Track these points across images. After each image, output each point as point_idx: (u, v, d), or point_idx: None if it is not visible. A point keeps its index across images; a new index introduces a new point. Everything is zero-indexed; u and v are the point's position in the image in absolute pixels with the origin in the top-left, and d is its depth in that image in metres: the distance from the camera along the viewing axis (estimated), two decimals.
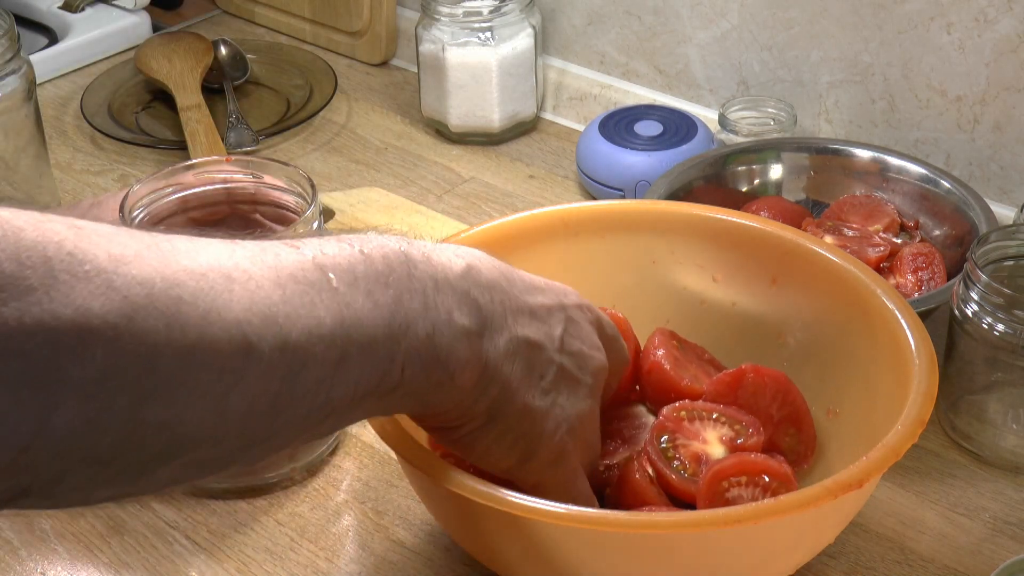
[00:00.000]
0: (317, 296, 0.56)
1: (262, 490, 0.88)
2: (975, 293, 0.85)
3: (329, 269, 0.57)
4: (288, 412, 0.55)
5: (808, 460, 0.81)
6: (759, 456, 0.76)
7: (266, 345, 0.53)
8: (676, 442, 0.79)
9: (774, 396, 0.81)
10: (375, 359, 0.59)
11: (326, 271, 0.57)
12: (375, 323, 0.58)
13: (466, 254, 0.66)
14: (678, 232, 0.88)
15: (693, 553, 0.70)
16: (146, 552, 0.84)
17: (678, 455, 0.78)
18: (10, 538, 0.85)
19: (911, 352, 0.76)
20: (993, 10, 1.04)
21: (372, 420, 0.73)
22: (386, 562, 0.83)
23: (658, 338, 0.85)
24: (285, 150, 1.28)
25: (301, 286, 0.55)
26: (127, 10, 1.48)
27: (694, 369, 0.85)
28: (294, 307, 0.54)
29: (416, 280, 0.61)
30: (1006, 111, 1.07)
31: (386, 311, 0.59)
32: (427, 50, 1.26)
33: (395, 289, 0.60)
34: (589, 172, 1.17)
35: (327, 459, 0.90)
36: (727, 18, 1.20)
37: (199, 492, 0.88)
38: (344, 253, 0.59)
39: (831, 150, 1.08)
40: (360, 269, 0.59)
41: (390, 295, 0.59)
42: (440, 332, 0.62)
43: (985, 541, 0.83)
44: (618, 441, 0.84)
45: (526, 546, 0.71)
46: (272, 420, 0.55)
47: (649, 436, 0.80)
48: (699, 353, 0.87)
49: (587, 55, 1.31)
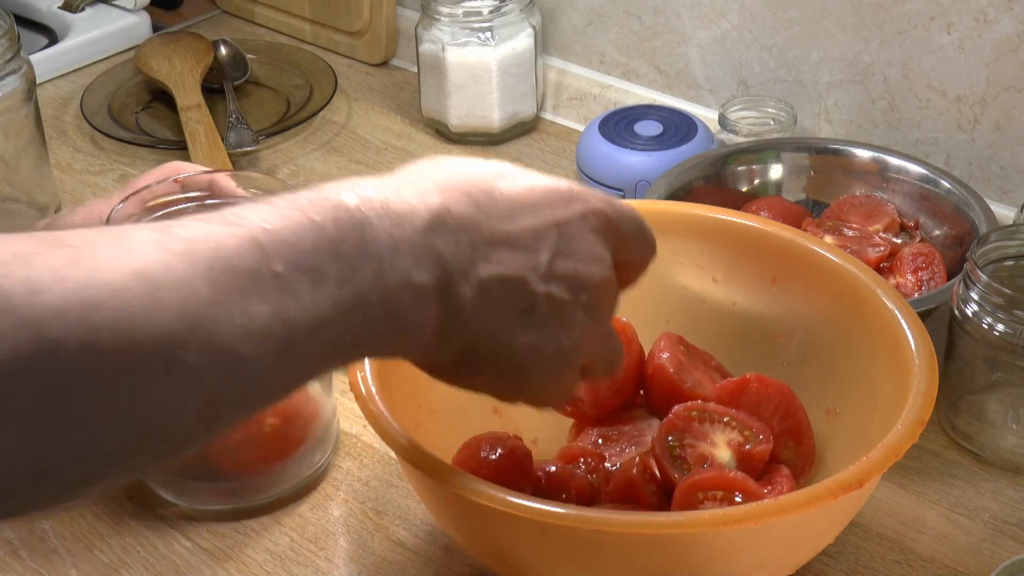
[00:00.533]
0: (254, 286, 0.53)
1: (261, 510, 0.87)
2: (975, 293, 0.85)
3: (271, 249, 0.54)
4: (228, 407, 0.54)
5: (806, 474, 0.81)
6: (739, 475, 0.76)
7: (192, 354, 0.51)
8: (684, 441, 0.79)
9: (776, 407, 0.81)
10: (323, 338, 0.56)
11: (267, 253, 0.54)
12: (320, 303, 0.55)
13: (436, 191, 0.61)
14: (678, 232, 0.88)
15: (693, 553, 0.70)
16: (146, 552, 0.84)
17: (684, 455, 0.78)
18: (10, 538, 0.85)
19: (911, 352, 0.76)
20: (993, 10, 1.04)
21: (372, 420, 0.73)
22: (386, 562, 0.83)
23: (664, 342, 0.85)
24: (285, 150, 1.28)
25: (237, 279, 0.53)
26: (127, 10, 1.48)
27: (699, 375, 0.85)
28: (226, 305, 0.52)
29: (370, 243, 0.57)
30: (1006, 111, 1.07)
31: (333, 288, 0.56)
32: (427, 50, 1.26)
33: (346, 260, 0.56)
34: (589, 172, 1.17)
35: (327, 459, 0.90)
36: (727, 18, 1.20)
37: (196, 514, 0.87)
38: (292, 225, 0.56)
39: (831, 150, 1.08)
40: (307, 242, 0.55)
41: (339, 267, 0.56)
42: (395, 297, 0.58)
43: (985, 541, 0.83)
44: (625, 442, 0.84)
45: (526, 546, 0.71)
46: (211, 418, 0.53)
47: (657, 433, 0.79)
48: (706, 359, 0.87)
49: (587, 55, 1.31)
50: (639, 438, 0.84)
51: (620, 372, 0.76)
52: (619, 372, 0.74)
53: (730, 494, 0.75)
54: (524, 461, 0.78)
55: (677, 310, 0.89)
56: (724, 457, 0.78)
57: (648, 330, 0.87)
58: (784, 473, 0.79)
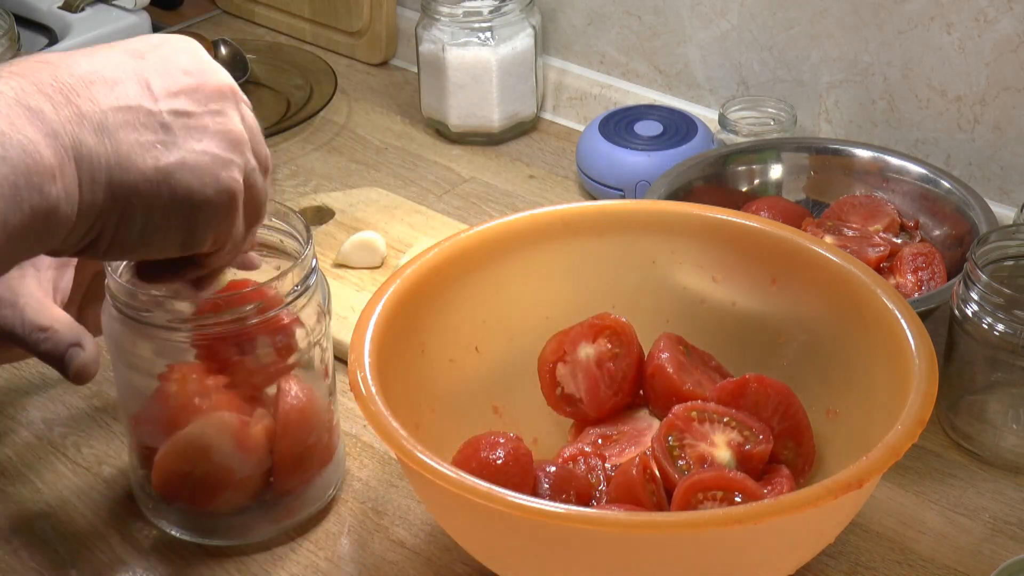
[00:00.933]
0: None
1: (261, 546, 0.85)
2: (975, 293, 0.85)
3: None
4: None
5: (806, 474, 0.81)
6: (739, 475, 0.76)
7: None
8: (684, 441, 0.79)
9: (776, 408, 0.81)
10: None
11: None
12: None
13: (8, 75, 0.61)
14: (678, 232, 0.88)
15: (693, 553, 0.70)
16: (146, 552, 0.84)
17: (684, 455, 0.78)
18: (10, 538, 0.86)
19: (911, 352, 0.76)
20: (993, 10, 1.04)
21: (372, 420, 0.73)
22: (386, 562, 0.83)
23: (663, 342, 0.85)
24: (285, 150, 1.28)
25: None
26: (127, 10, 1.48)
27: (698, 375, 0.85)
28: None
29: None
30: (1006, 111, 1.07)
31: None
32: (427, 50, 1.26)
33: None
34: (589, 172, 1.17)
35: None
36: (727, 18, 1.20)
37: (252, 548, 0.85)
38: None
39: (831, 150, 1.08)
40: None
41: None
42: (13, 164, 0.58)
43: (985, 541, 0.83)
44: (625, 442, 0.84)
45: (526, 546, 0.71)
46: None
47: (657, 433, 0.80)
48: (706, 360, 0.87)
49: (587, 55, 1.31)
50: (639, 438, 0.84)
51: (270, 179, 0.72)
52: (270, 180, 0.72)
53: (730, 494, 0.75)
54: (524, 461, 0.78)
55: (677, 310, 0.89)
56: (724, 457, 0.78)
57: (648, 330, 0.87)
58: (784, 473, 0.79)
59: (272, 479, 0.82)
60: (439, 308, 0.84)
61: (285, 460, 0.82)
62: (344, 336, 0.98)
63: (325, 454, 0.85)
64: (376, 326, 0.78)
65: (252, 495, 0.82)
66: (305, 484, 0.84)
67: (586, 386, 0.85)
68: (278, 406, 0.81)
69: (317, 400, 0.82)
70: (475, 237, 0.86)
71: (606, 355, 0.85)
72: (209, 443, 0.80)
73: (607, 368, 0.85)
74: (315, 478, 0.84)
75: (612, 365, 0.85)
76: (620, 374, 0.85)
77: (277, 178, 1.23)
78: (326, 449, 0.85)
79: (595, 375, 0.85)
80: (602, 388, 0.85)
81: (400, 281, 0.82)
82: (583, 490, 0.79)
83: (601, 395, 0.85)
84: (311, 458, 0.83)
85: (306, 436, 0.82)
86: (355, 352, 0.76)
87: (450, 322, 0.85)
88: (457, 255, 0.85)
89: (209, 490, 0.82)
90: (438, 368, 0.84)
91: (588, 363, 0.85)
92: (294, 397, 0.81)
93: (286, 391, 0.81)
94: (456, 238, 0.86)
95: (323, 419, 0.83)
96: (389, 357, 0.78)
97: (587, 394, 0.85)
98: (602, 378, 0.85)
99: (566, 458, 0.82)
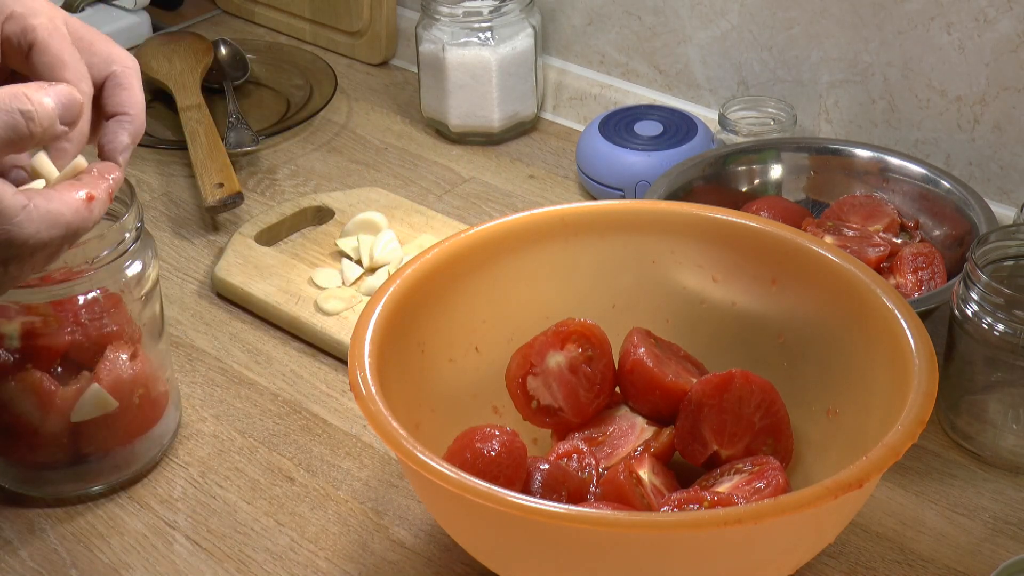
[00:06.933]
0: None
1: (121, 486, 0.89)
2: (975, 293, 0.85)
3: None
4: None
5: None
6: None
7: None
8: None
9: (759, 405, 0.81)
10: None
11: None
12: None
13: None
14: (678, 232, 0.88)
15: (693, 553, 0.70)
16: (146, 552, 0.85)
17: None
18: (10, 538, 0.86)
19: (911, 352, 0.76)
20: (993, 10, 1.04)
21: (372, 420, 0.73)
22: (386, 562, 0.83)
23: (636, 337, 0.85)
24: (285, 150, 1.28)
25: None
26: (127, 10, 1.48)
27: (675, 366, 0.85)
28: None
29: None
30: (1006, 111, 1.07)
31: None
32: (427, 50, 1.26)
33: None
34: (589, 172, 1.17)
35: (327, 459, 0.91)
36: (727, 18, 1.20)
37: (59, 501, 0.88)
38: None
39: (831, 150, 1.08)
40: None
41: None
42: None
43: (985, 541, 0.83)
44: (610, 446, 0.84)
45: (526, 546, 0.71)
46: None
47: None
48: (675, 350, 0.87)
49: (587, 55, 1.31)
50: (626, 437, 0.84)
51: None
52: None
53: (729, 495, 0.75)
54: (518, 455, 0.78)
55: (677, 310, 0.89)
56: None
57: (648, 330, 0.87)
58: (774, 465, 0.79)
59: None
60: (439, 308, 0.84)
61: (87, 425, 0.86)
62: (344, 336, 0.98)
63: (136, 423, 0.88)
64: (376, 326, 0.78)
65: (61, 453, 0.87)
66: (117, 448, 0.88)
67: (564, 394, 0.84)
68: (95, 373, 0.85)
69: (123, 373, 0.86)
70: (475, 237, 0.86)
71: (578, 359, 0.84)
72: (11, 397, 0.84)
73: (583, 372, 0.84)
74: (133, 443, 0.88)
75: (589, 368, 0.84)
76: (598, 376, 0.85)
77: (277, 178, 1.23)
78: (137, 418, 0.88)
79: (571, 381, 0.84)
80: (581, 393, 0.84)
81: (400, 281, 0.82)
82: (576, 488, 0.79)
83: (581, 400, 0.85)
84: (115, 426, 0.87)
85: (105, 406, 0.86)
86: (355, 352, 0.76)
87: (450, 322, 0.85)
88: (457, 255, 0.85)
89: (11, 442, 0.87)
90: (438, 368, 0.84)
91: (561, 371, 0.84)
92: (106, 369, 0.85)
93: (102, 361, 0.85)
94: (456, 238, 0.86)
95: (132, 391, 0.87)
96: (389, 357, 0.78)
97: (566, 401, 0.84)
98: (580, 383, 0.84)
99: (559, 455, 0.82)
